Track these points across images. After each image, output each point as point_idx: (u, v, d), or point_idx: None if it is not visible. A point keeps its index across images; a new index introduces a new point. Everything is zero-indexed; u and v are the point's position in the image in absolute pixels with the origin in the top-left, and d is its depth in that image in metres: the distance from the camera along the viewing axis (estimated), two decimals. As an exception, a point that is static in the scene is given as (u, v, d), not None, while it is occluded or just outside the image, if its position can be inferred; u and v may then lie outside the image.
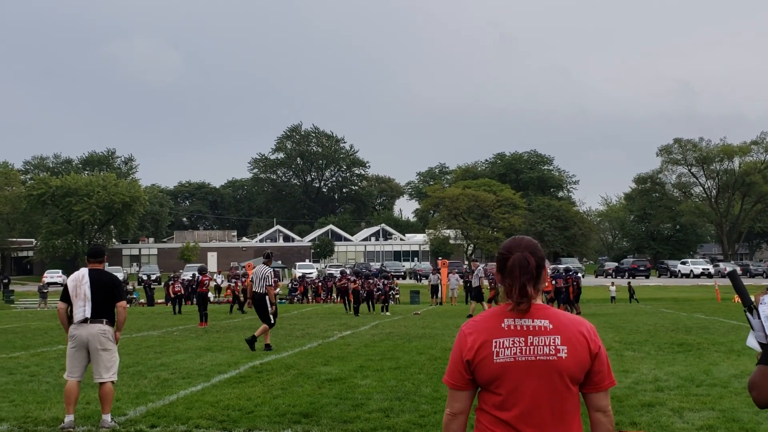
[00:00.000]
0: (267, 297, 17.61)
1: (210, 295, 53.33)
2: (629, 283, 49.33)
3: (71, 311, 8.89)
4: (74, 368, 8.80)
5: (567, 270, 31.45)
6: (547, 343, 3.08)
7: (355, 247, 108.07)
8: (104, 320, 8.79)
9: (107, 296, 8.84)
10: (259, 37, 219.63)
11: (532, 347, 3.08)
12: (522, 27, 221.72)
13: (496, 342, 3.10)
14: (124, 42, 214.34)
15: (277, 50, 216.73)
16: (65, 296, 8.96)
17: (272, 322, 17.71)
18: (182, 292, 39.27)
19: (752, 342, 3.19)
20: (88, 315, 8.71)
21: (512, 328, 3.11)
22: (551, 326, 3.10)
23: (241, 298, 35.48)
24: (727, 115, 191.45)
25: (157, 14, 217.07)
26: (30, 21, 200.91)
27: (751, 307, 3.17)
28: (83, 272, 8.92)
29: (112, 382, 8.86)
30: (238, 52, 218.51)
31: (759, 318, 3.12)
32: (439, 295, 45.70)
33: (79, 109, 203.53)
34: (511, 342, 3.09)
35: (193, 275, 56.14)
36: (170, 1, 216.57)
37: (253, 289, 17.87)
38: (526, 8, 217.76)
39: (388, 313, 33.88)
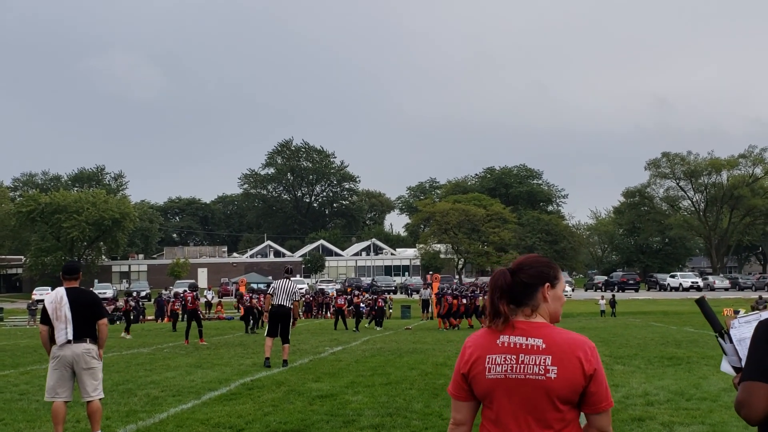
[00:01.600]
0: (292, 312, 17.47)
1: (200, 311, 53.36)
2: (613, 296, 49.09)
3: (52, 333, 8.67)
4: (61, 389, 8.59)
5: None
6: (537, 363, 3.08)
7: (345, 262, 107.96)
8: (87, 339, 8.57)
9: (88, 315, 8.61)
10: (249, 52, 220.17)
11: (522, 365, 3.09)
12: (504, 45, 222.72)
13: (489, 358, 3.14)
14: (108, 57, 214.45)
15: (267, 66, 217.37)
16: (45, 318, 8.69)
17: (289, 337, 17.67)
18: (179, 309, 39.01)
19: (726, 367, 3.22)
20: (71, 337, 8.48)
21: (505, 345, 3.14)
22: (544, 345, 3.10)
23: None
24: (704, 129, 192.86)
25: (143, 28, 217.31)
26: (12, 34, 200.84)
27: (722, 332, 3.21)
28: (60, 293, 8.64)
29: (100, 399, 8.74)
30: (228, 67, 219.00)
31: (731, 342, 3.16)
32: (430, 309, 45.64)
33: (68, 126, 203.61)
34: (502, 359, 3.12)
35: (184, 291, 56.28)
36: (156, 15, 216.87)
37: (277, 303, 17.29)
38: (509, 27, 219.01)
39: (379, 328, 33.89)
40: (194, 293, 27.17)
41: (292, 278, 18.02)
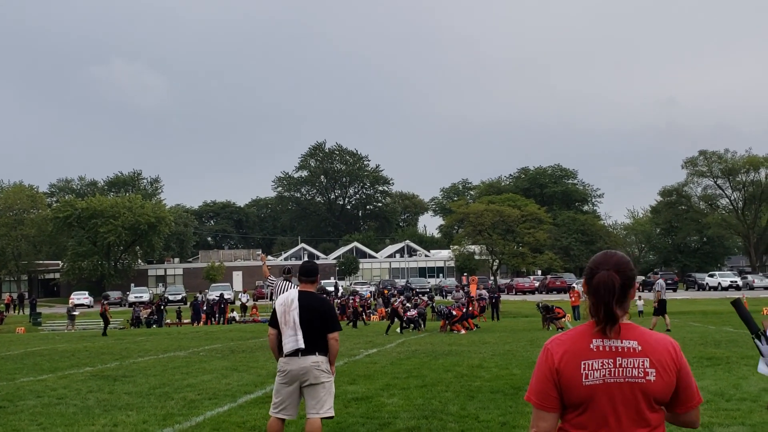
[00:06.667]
0: None
1: (235, 314, 53.89)
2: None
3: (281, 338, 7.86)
4: (284, 405, 7.77)
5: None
6: (636, 366, 3.04)
7: (380, 264, 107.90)
8: (316, 352, 7.63)
9: (319, 325, 7.64)
10: (282, 57, 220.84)
11: (620, 369, 3.05)
12: (533, 46, 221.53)
13: (584, 364, 3.06)
14: (145, 64, 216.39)
15: (299, 70, 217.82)
16: (273, 321, 7.89)
17: None
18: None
19: (763, 368, 3.16)
20: (301, 346, 7.60)
21: (601, 349, 3.08)
22: (640, 348, 3.06)
23: None
24: (716, 128, 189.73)
25: (181, 37, 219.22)
26: (46, 41, 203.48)
27: (758, 334, 3.14)
28: (292, 296, 7.79)
29: (326, 417, 7.78)
30: (261, 72, 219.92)
31: None
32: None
33: (104, 132, 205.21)
34: (600, 364, 3.06)
35: (220, 295, 56.65)
36: (196, 24, 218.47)
37: None
38: (538, 27, 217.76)
39: (419, 329, 33.81)
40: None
41: (289, 278, 17.44)
